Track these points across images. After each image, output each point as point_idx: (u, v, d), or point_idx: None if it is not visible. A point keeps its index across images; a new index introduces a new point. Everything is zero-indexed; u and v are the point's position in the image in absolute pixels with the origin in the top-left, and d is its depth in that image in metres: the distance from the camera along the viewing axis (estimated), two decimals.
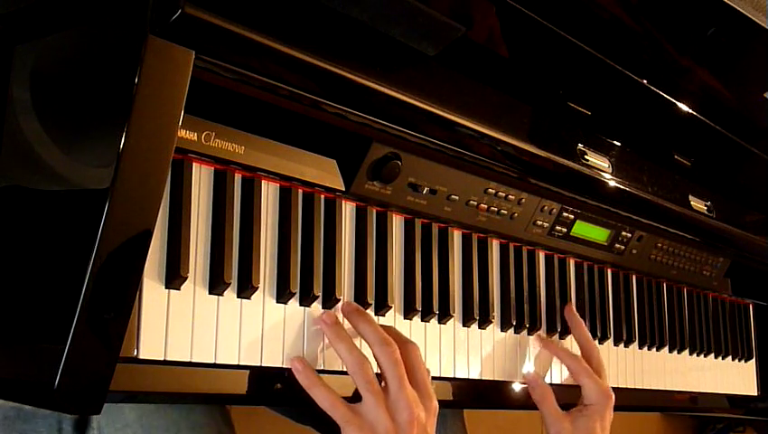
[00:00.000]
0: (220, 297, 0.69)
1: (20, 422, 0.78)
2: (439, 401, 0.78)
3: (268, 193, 0.74)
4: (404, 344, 0.77)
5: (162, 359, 0.64)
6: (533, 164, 0.86)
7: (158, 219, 0.60)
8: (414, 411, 0.72)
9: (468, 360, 0.90)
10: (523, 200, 0.93)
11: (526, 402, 0.99)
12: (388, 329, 0.77)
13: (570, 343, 1.04)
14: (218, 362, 0.67)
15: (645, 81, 0.95)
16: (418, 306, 0.85)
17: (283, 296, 0.73)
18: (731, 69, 1.05)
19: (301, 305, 0.74)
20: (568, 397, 0.98)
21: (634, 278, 1.18)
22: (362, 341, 0.76)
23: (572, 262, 1.07)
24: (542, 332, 1.00)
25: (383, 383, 0.73)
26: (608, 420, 0.98)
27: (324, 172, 0.76)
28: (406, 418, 0.71)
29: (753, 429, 2.45)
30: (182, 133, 0.65)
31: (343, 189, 0.77)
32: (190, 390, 0.67)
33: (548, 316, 1.01)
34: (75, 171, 0.61)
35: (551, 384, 0.99)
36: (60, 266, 0.58)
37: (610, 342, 1.11)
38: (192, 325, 0.66)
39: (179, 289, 0.66)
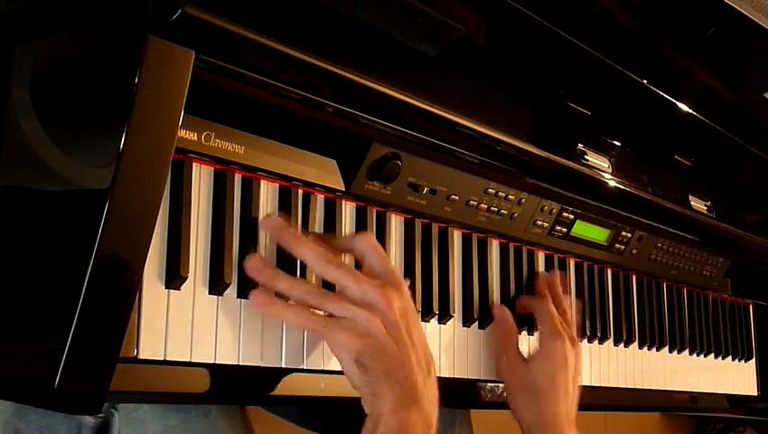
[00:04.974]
0: (220, 297, 0.69)
1: (36, 415, 0.78)
2: (439, 401, 0.78)
3: (268, 193, 0.74)
4: (355, 241, 0.73)
5: (162, 359, 0.64)
6: (533, 164, 0.86)
7: (158, 219, 0.60)
8: (384, 294, 0.69)
9: (468, 360, 0.90)
10: (523, 200, 0.93)
11: None
12: (334, 245, 0.73)
13: None
14: (218, 362, 0.67)
15: (645, 81, 0.95)
16: (418, 307, 0.85)
17: (283, 296, 0.73)
18: (731, 69, 1.05)
19: None
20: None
21: (634, 278, 1.18)
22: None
23: (572, 262, 1.07)
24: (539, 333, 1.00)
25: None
26: (565, 363, 0.90)
27: (324, 172, 0.76)
28: (382, 303, 0.68)
29: (754, 429, 2.45)
30: (182, 133, 0.65)
31: (343, 189, 0.77)
32: (190, 390, 0.67)
33: None
34: (75, 171, 0.61)
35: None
36: (61, 266, 0.58)
37: (610, 342, 1.11)
38: (191, 325, 0.66)
39: (179, 289, 0.66)
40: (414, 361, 0.69)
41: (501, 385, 0.94)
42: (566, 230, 1.01)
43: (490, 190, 0.89)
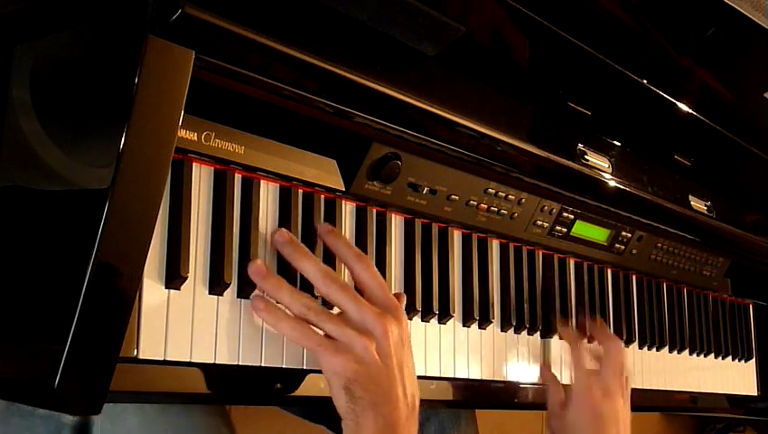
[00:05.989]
0: (220, 297, 0.69)
1: (17, 418, 0.78)
2: (440, 401, 0.78)
3: (268, 193, 0.74)
4: (353, 263, 0.74)
5: (161, 359, 0.64)
6: (533, 164, 0.86)
7: (158, 219, 0.60)
8: (383, 322, 0.69)
9: (468, 360, 0.90)
10: (523, 200, 0.93)
11: (526, 402, 0.99)
12: (335, 245, 0.75)
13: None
14: (217, 362, 0.67)
15: (645, 81, 0.95)
16: (418, 306, 0.84)
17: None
18: (731, 69, 1.05)
19: None
20: None
21: (634, 278, 1.18)
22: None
23: (572, 262, 1.07)
24: (539, 333, 1.00)
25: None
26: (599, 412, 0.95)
27: (324, 172, 0.76)
28: (380, 331, 0.69)
29: (754, 429, 2.45)
30: (182, 133, 0.65)
31: (343, 189, 0.77)
32: (190, 390, 0.67)
33: (548, 316, 1.01)
34: (75, 171, 0.61)
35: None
36: (61, 266, 0.58)
37: None
38: (191, 325, 0.66)
39: (179, 289, 0.66)
40: (400, 395, 0.70)
41: (500, 385, 0.94)
42: (566, 230, 1.01)
43: (490, 190, 0.89)
